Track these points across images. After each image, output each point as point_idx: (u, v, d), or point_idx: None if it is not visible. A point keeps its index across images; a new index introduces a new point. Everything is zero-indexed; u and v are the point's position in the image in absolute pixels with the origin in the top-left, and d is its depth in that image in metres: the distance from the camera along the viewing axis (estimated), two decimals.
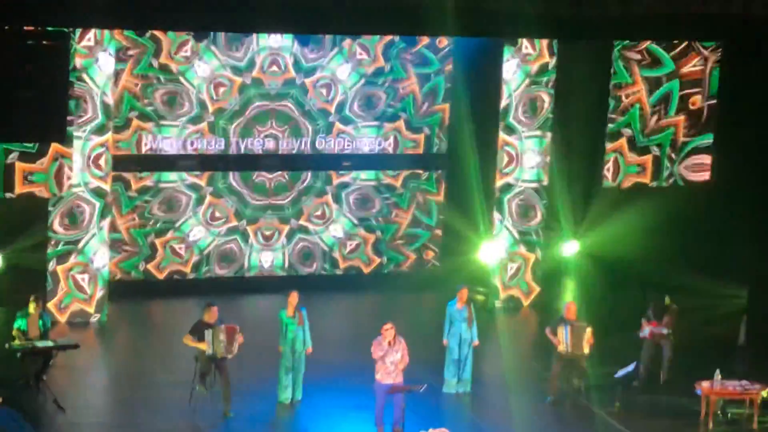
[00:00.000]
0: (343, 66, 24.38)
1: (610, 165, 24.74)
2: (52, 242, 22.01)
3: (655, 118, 24.83)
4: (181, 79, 23.51)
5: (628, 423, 18.23)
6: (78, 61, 21.30)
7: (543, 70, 23.66)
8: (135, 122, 23.36)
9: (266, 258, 24.74)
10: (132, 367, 20.14)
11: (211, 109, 23.78)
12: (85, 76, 21.51)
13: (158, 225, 24.00)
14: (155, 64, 23.28)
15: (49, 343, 19.02)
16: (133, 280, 23.98)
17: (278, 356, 18.41)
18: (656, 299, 20.15)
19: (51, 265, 22.05)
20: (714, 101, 24.79)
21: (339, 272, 25.20)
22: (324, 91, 24.37)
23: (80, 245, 22.12)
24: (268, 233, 24.69)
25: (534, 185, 24.16)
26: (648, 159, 24.94)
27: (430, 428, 16.75)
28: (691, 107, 24.96)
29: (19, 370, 18.72)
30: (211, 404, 18.02)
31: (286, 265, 24.84)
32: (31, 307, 19.08)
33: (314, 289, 22.89)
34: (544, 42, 23.46)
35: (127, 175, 23.63)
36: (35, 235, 22.46)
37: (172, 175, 24.00)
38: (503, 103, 23.68)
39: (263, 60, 23.91)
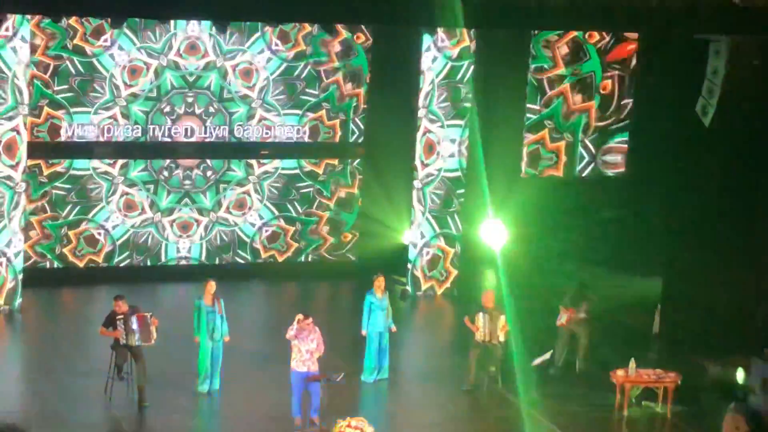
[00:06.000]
0: (263, 52, 24.27)
1: (538, 155, 25.02)
2: None
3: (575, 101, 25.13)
4: (95, 62, 23.29)
5: (543, 411, 18.35)
6: None
7: (463, 54, 23.67)
8: (46, 109, 23.08)
9: (183, 245, 24.62)
10: (47, 355, 19.92)
11: (124, 94, 23.55)
12: None
13: (71, 217, 23.72)
14: (69, 45, 23.02)
15: None
16: (48, 268, 23.71)
17: (195, 346, 18.29)
18: (573, 288, 20.31)
19: None
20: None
21: (256, 260, 25.10)
22: (243, 77, 24.26)
23: None
24: (184, 225, 24.54)
25: (453, 174, 24.22)
26: (561, 146, 25.23)
27: (348, 417, 16.77)
28: (602, 92, 25.23)
29: None
30: (127, 394, 17.88)
31: (203, 256, 24.72)
32: None
33: (229, 277, 22.79)
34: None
35: (38, 162, 23.29)
36: None
37: (86, 163, 23.73)
38: (422, 92, 23.73)
39: (180, 43, 23.73)
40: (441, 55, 23.59)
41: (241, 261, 24.97)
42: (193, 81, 23.96)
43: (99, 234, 24.01)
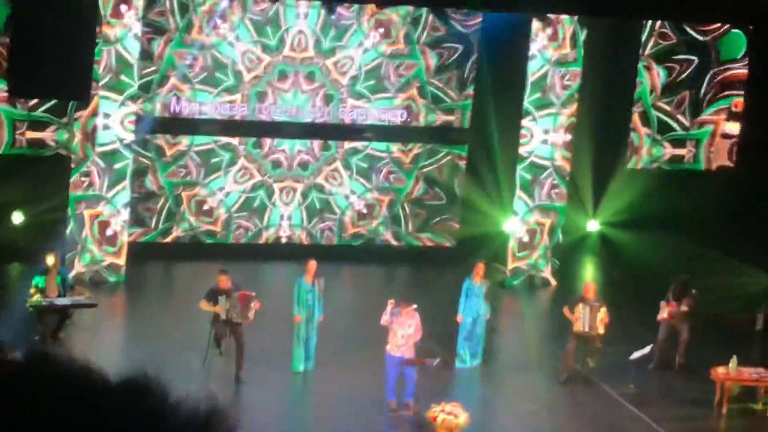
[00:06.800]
0: (364, 42, 24.35)
1: (641, 147, 24.73)
2: (82, 187, 22.15)
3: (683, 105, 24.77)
4: (214, 51, 23.68)
5: (640, 406, 18.17)
6: (112, 33, 21.55)
7: (563, 62, 23.55)
8: (171, 83, 23.53)
9: (285, 224, 24.84)
10: (148, 328, 20.19)
11: (240, 78, 23.88)
12: (119, 47, 21.76)
13: (187, 179, 24.20)
14: (188, 39, 23.45)
15: (67, 302, 19.06)
16: (155, 242, 24.06)
17: (292, 324, 18.41)
18: (676, 282, 20.06)
19: (79, 208, 22.14)
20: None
21: (358, 243, 25.20)
22: (347, 63, 24.38)
23: (109, 195, 22.31)
24: (287, 195, 24.80)
25: (556, 162, 24.04)
26: (684, 152, 24.94)
27: (442, 402, 16.77)
28: (734, 109, 24.89)
29: (37, 327, 18.81)
30: (224, 368, 18.07)
31: (304, 223, 24.87)
32: (50, 264, 19.09)
33: (332, 259, 22.90)
34: (568, 32, 23.33)
35: (160, 139, 23.86)
36: (57, 193, 22.55)
37: (203, 138, 24.22)
38: (529, 80, 23.59)
39: (293, 38, 23.96)
40: (540, 55, 23.47)
41: (343, 243, 25.07)
42: (300, 67, 24.15)
43: (212, 200, 24.37)
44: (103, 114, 21.93)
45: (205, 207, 24.39)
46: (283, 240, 24.88)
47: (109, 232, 22.34)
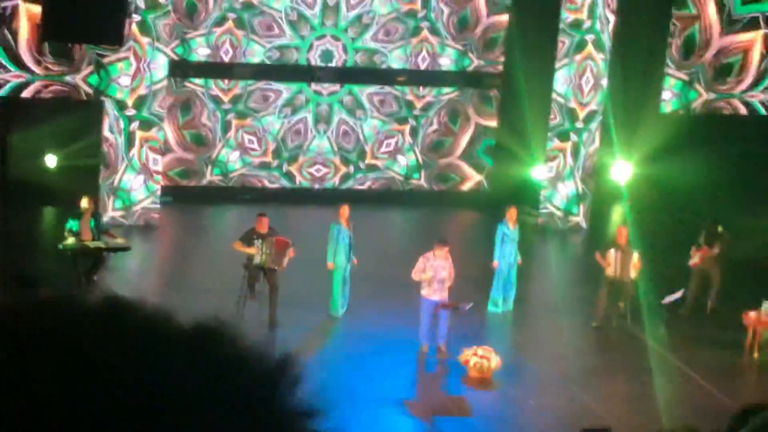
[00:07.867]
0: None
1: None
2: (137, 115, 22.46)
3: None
4: (264, 7, 24.06)
5: (672, 350, 18.18)
6: None
7: (578, 26, 23.51)
8: (230, 23, 23.93)
9: (320, 151, 25.14)
10: (182, 271, 20.30)
11: (283, 29, 24.12)
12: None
13: (239, 109, 24.71)
14: (237, 5, 23.96)
15: (101, 245, 19.14)
16: (188, 186, 24.21)
17: (325, 268, 18.47)
18: (708, 227, 20.00)
19: (133, 127, 22.31)
20: None
21: (386, 181, 25.36)
22: (371, 16, 24.54)
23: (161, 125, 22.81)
24: (321, 127, 25.10)
25: (570, 104, 24.04)
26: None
27: (474, 346, 16.83)
28: None
29: (71, 270, 18.90)
30: (258, 312, 18.14)
31: (335, 148, 25.10)
32: (84, 208, 19.13)
33: (360, 202, 22.94)
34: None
35: (213, 84, 24.38)
36: (91, 137, 22.60)
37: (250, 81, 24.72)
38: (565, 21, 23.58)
39: None
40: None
41: (374, 186, 25.21)
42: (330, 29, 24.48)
43: (258, 132, 24.67)
44: (148, 62, 22.05)
45: (253, 139, 24.66)
46: (318, 166, 25.01)
47: (154, 162, 22.55)
